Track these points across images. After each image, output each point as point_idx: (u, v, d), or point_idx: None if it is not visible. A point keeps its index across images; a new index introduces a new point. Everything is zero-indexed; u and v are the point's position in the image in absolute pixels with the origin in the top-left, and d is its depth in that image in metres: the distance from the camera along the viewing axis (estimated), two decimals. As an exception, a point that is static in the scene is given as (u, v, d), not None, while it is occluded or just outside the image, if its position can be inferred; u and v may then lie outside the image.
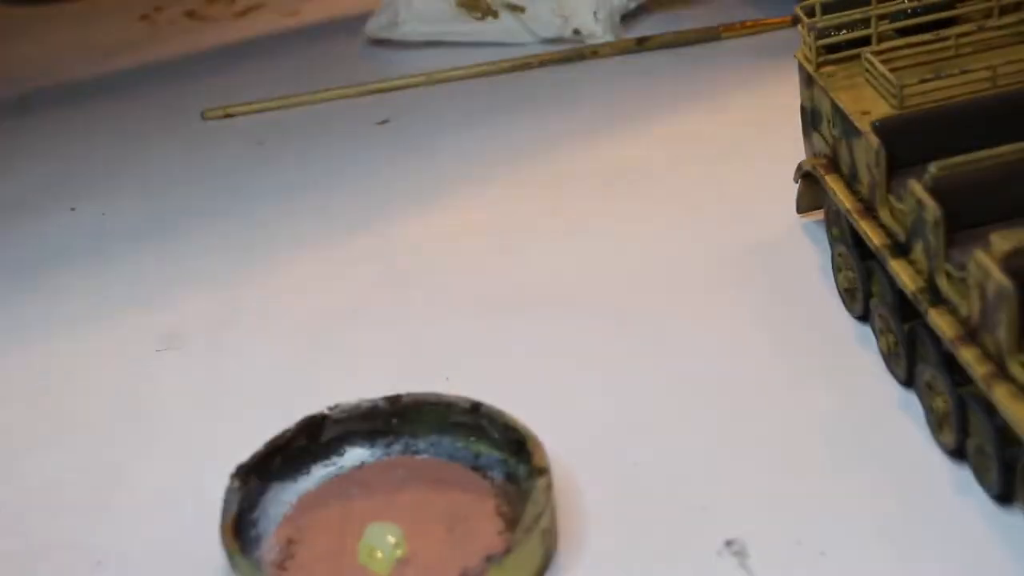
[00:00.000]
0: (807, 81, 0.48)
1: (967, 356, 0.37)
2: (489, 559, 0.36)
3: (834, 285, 0.48)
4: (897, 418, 0.42)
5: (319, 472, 0.42)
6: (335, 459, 0.42)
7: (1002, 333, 0.36)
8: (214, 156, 0.66)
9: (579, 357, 0.47)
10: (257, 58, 0.76)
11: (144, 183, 0.64)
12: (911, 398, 0.42)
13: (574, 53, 0.70)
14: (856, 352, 0.45)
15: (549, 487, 0.38)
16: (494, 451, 0.41)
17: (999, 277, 0.35)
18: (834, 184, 0.46)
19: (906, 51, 0.46)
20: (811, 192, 0.51)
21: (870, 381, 0.44)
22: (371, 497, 0.41)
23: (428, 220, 0.57)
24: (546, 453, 0.39)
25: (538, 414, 0.44)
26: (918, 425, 0.41)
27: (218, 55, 0.77)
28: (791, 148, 0.51)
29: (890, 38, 0.48)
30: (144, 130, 0.70)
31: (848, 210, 0.45)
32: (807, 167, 0.49)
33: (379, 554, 0.38)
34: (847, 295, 0.47)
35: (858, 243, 0.45)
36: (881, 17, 0.47)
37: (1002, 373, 0.36)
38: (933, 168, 0.39)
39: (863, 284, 0.45)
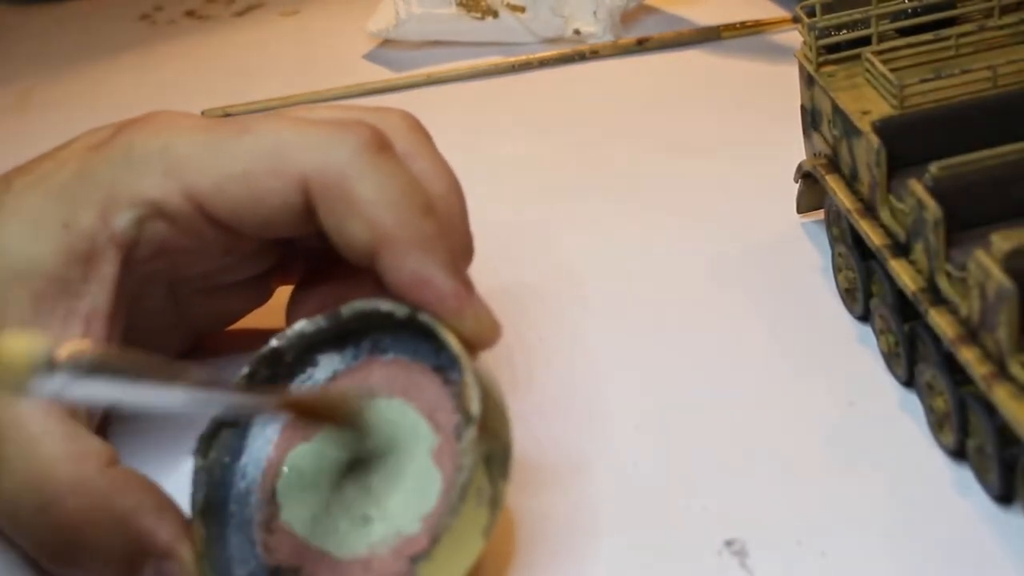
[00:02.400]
0: (807, 81, 0.48)
1: (967, 356, 0.37)
2: (414, 560, 0.35)
3: (834, 285, 0.48)
4: (897, 418, 0.42)
5: (298, 390, 0.40)
6: (309, 371, 0.40)
7: (1002, 333, 0.36)
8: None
9: (578, 357, 0.47)
10: (257, 58, 0.76)
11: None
12: (911, 398, 0.42)
13: (574, 53, 0.70)
14: (856, 352, 0.45)
15: (478, 439, 0.36)
16: (450, 347, 0.38)
17: (999, 277, 0.35)
18: (834, 184, 0.46)
19: (906, 51, 0.46)
20: (811, 192, 0.51)
21: (870, 381, 0.44)
22: None
23: (428, 220, 0.57)
24: (477, 389, 0.36)
25: (537, 414, 0.44)
26: (918, 425, 0.41)
27: (218, 55, 0.77)
28: (791, 148, 0.51)
29: (891, 38, 0.48)
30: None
31: (848, 210, 0.45)
32: (807, 167, 0.49)
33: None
34: (847, 295, 0.47)
35: (858, 243, 0.45)
36: (881, 17, 0.47)
37: (1002, 373, 0.36)
38: (933, 168, 0.39)
39: (863, 284, 0.45)
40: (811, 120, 0.49)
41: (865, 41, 0.47)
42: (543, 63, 0.70)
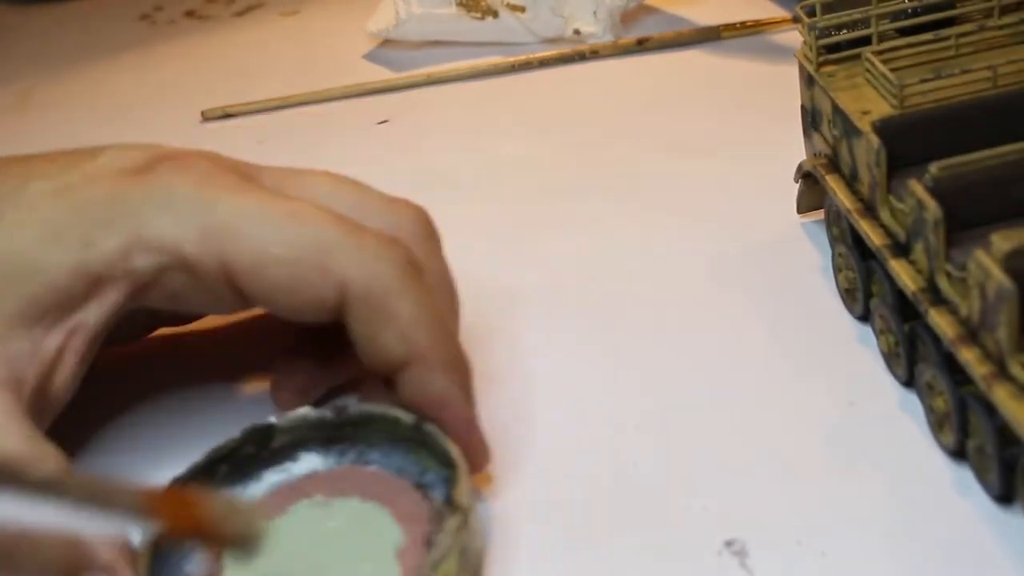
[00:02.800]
0: (807, 81, 0.48)
1: (967, 356, 0.37)
2: None
3: (834, 285, 0.48)
4: (897, 418, 0.42)
5: (271, 478, 0.41)
6: (287, 464, 0.41)
7: (1002, 333, 0.36)
8: (214, 156, 0.66)
9: (578, 357, 0.47)
10: (257, 58, 0.76)
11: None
12: (911, 398, 0.42)
13: (574, 53, 0.70)
14: (856, 352, 0.45)
15: (460, 528, 0.37)
16: (441, 468, 0.40)
17: (999, 277, 0.35)
18: (834, 184, 0.46)
19: (906, 51, 0.46)
20: (811, 192, 0.51)
21: (870, 381, 0.44)
22: None
23: (428, 220, 0.57)
24: (470, 490, 0.39)
25: (537, 414, 0.44)
26: (918, 425, 0.41)
27: (218, 55, 0.77)
28: (791, 148, 0.51)
29: (891, 38, 0.48)
30: (144, 130, 0.70)
31: (848, 210, 0.45)
32: (807, 167, 0.49)
33: None
34: (847, 295, 0.47)
35: (858, 243, 0.45)
36: (881, 17, 0.47)
37: (1002, 373, 0.36)
38: (933, 168, 0.39)
39: (863, 284, 0.45)
40: (811, 120, 0.49)
41: (865, 41, 0.47)
42: (543, 63, 0.70)
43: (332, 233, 0.40)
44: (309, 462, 0.41)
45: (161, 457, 0.44)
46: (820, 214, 0.51)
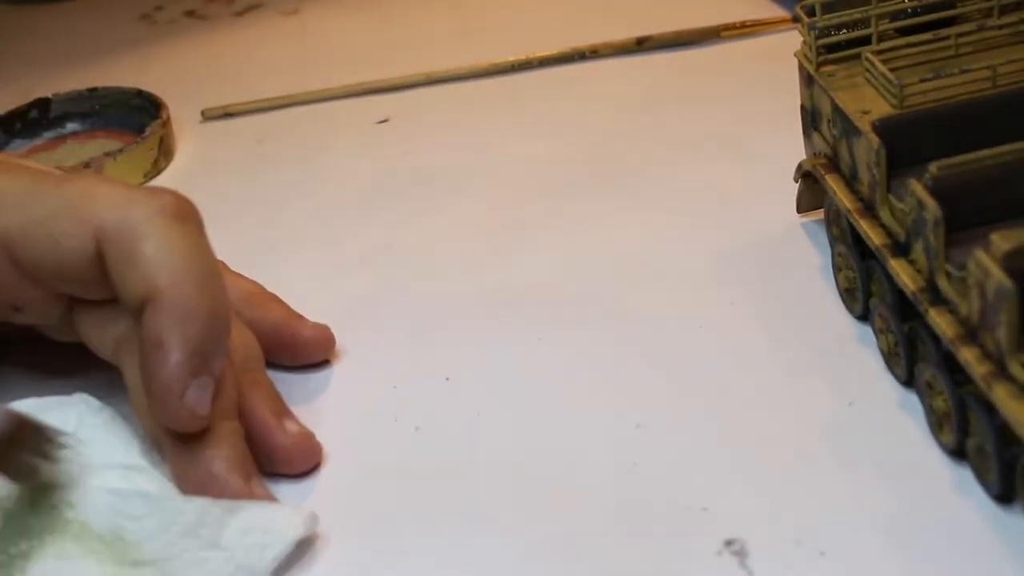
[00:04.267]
0: (807, 81, 0.48)
1: (967, 356, 0.37)
2: None
3: (834, 285, 0.48)
4: (897, 418, 0.42)
5: None
6: None
7: (1002, 333, 0.36)
8: (214, 155, 0.66)
9: (578, 357, 0.47)
10: (257, 58, 0.76)
11: (144, 183, 0.64)
12: (911, 398, 0.42)
13: (574, 53, 0.70)
14: (856, 352, 0.45)
15: None
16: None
17: (999, 277, 0.35)
18: (834, 184, 0.46)
19: (906, 50, 0.46)
20: (811, 192, 0.51)
21: (870, 381, 0.44)
22: None
23: (428, 220, 0.57)
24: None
25: (538, 413, 0.44)
26: (918, 425, 0.41)
27: (218, 55, 0.77)
28: (791, 148, 0.51)
29: (890, 37, 0.48)
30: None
31: (848, 210, 0.45)
32: (807, 167, 0.49)
33: None
34: (847, 295, 0.47)
35: (858, 243, 0.45)
36: (881, 16, 0.47)
37: (1002, 373, 0.36)
38: (933, 168, 0.39)
39: (863, 284, 0.45)
40: (811, 120, 0.49)
41: (865, 41, 0.47)
42: (543, 63, 0.70)
43: (96, 189, 0.41)
44: None
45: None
46: (820, 214, 0.51)
